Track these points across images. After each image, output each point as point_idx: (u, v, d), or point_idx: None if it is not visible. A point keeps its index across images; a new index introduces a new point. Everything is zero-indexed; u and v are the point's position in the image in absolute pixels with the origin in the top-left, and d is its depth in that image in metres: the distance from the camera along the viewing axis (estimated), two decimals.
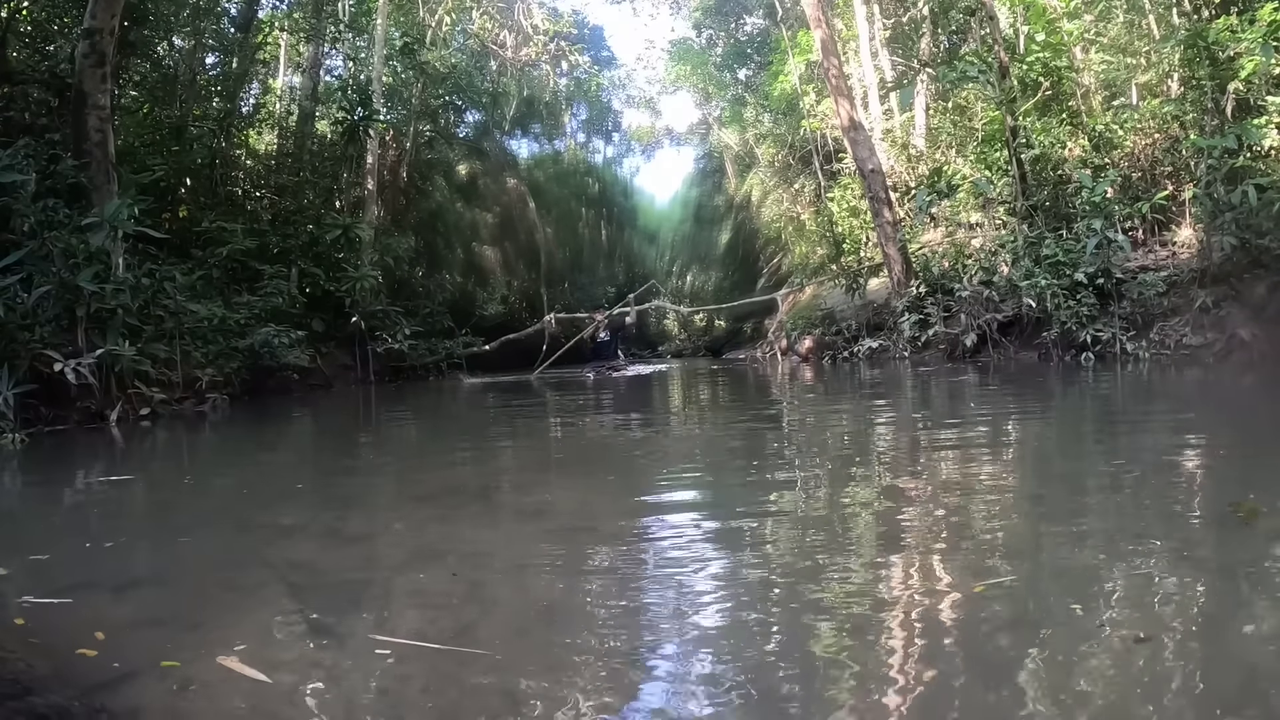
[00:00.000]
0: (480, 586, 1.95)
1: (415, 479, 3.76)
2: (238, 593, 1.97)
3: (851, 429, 4.69)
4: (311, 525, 2.73)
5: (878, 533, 2.26)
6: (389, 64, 15.23)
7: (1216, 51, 7.96)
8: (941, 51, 14.40)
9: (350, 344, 11.91)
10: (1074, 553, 1.93)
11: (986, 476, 2.92)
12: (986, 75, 9.62)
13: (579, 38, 24.31)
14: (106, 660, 1.49)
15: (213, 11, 12.26)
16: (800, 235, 17.70)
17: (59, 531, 2.82)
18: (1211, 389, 5.66)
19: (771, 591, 1.77)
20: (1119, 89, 11.03)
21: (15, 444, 4.90)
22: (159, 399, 6.63)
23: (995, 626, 1.48)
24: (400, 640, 1.62)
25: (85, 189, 7.07)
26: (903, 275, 10.45)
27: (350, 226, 11.96)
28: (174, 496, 3.63)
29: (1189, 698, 1.18)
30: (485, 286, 19.75)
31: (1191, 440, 3.54)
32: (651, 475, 3.55)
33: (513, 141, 22.17)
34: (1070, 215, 8.85)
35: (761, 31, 21.42)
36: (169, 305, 7.24)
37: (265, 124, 14.47)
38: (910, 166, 13.71)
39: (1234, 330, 6.98)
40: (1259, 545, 1.88)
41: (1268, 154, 7.72)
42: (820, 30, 11.34)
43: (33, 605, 1.87)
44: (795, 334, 12.84)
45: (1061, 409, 5.14)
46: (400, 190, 16.05)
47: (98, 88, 7.22)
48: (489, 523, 2.71)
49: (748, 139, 21.40)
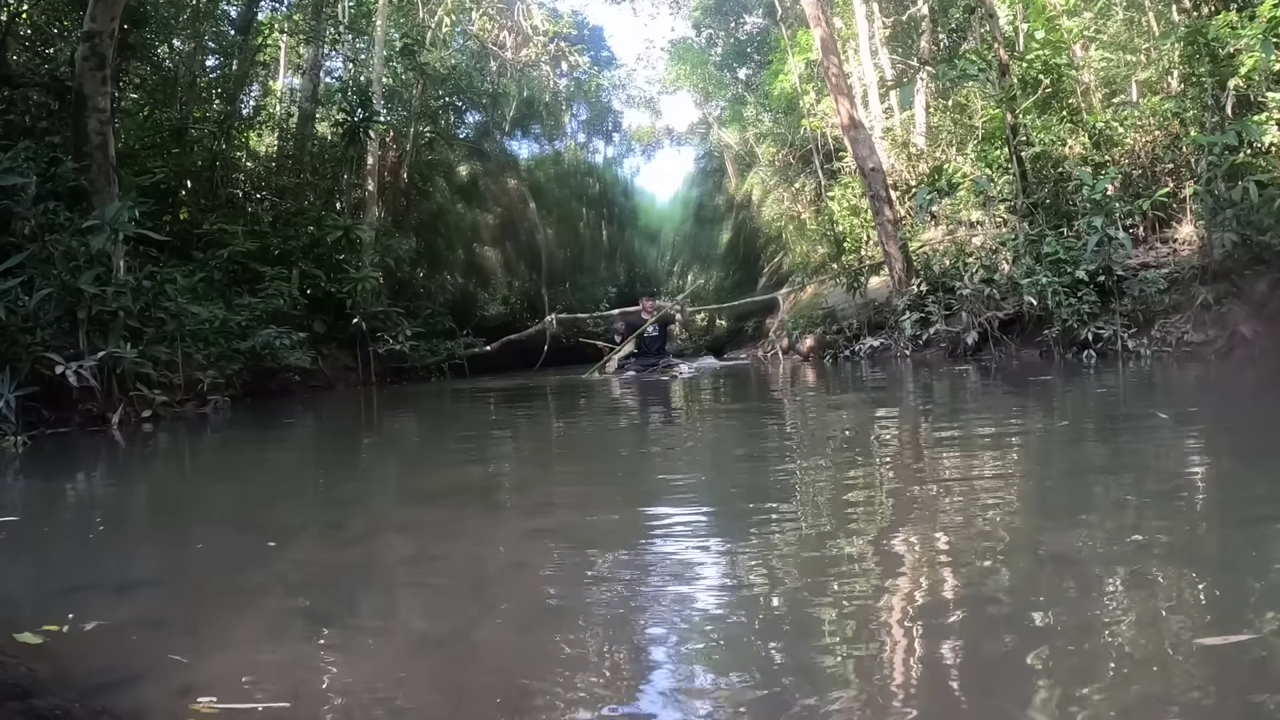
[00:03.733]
0: (482, 585, 1.95)
1: (417, 479, 3.76)
2: (240, 593, 1.97)
3: (856, 427, 4.69)
4: (313, 526, 2.73)
5: (895, 534, 2.25)
6: (389, 65, 15.23)
7: (1216, 48, 7.95)
8: (941, 50, 14.38)
9: (351, 345, 11.92)
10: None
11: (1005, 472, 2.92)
12: (986, 73, 9.61)
13: (579, 38, 24.31)
14: (108, 661, 1.49)
15: (212, 14, 12.26)
16: (801, 234, 17.67)
17: (60, 533, 2.83)
18: (1214, 386, 5.66)
19: (781, 589, 1.77)
20: (1119, 86, 11.01)
21: (17, 446, 4.91)
22: (160, 401, 6.63)
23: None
24: (400, 640, 1.63)
25: (86, 192, 7.08)
26: (903, 274, 10.44)
27: (351, 228, 11.96)
28: (175, 498, 3.63)
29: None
30: (486, 287, 19.75)
31: (1195, 437, 3.54)
32: (656, 474, 3.54)
33: (513, 142, 22.17)
34: (1071, 213, 8.83)
35: (761, 31, 21.40)
36: (170, 307, 7.25)
37: (265, 126, 14.47)
38: (910, 165, 13.69)
39: (1235, 327, 6.96)
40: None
41: (1268, 150, 7.70)
42: (820, 29, 11.33)
43: (33, 606, 1.87)
44: (796, 333, 12.82)
45: (1065, 407, 5.13)
46: (401, 191, 16.05)
47: (98, 90, 7.23)
48: (491, 522, 2.71)
49: (748, 138, 21.37)
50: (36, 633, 1.58)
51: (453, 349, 13.45)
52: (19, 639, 1.54)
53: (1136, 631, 1.39)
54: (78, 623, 1.70)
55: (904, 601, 1.64)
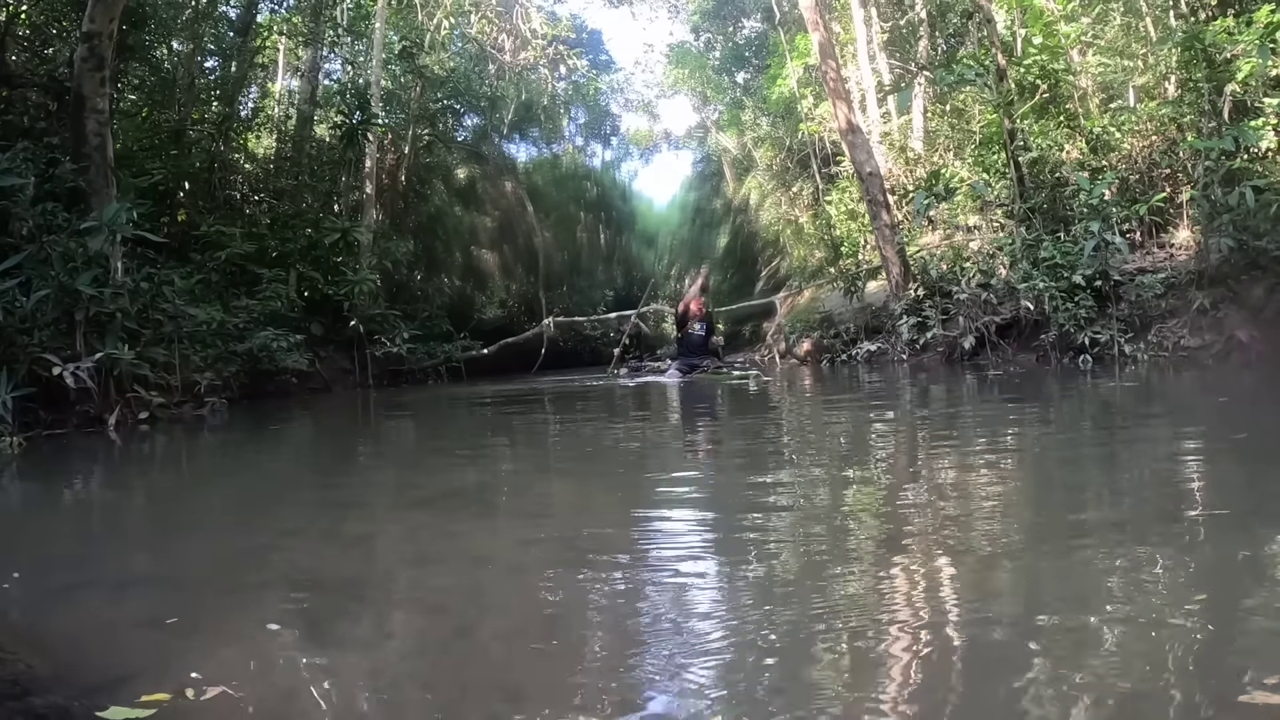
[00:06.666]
0: (480, 588, 1.95)
1: (415, 482, 3.76)
2: (237, 594, 1.97)
3: (852, 430, 4.69)
4: (311, 528, 2.73)
5: (889, 539, 2.25)
6: (387, 68, 15.24)
7: (1213, 53, 7.99)
8: (939, 54, 14.44)
9: (349, 347, 11.92)
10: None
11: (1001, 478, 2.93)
12: (984, 78, 9.64)
13: (577, 42, 24.34)
14: (107, 661, 1.49)
15: (211, 16, 12.27)
16: (798, 238, 17.71)
17: (58, 533, 2.82)
18: (1210, 390, 5.67)
19: (778, 592, 1.77)
20: (1116, 91, 11.05)
21: (14, 447, 4.90)
22: (158, 403, 6.61)
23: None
24: (399, 640, 1.63)
25: (84, 193, 7.06)
26: (901, 278, 10.45)
27: (349, 230, 11.96)
28: (173, 499, 3.63)
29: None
30: (484, 290, 19.76)
31: (1192, 440, 3.55)
32: (654, 475, 3.54)
33: (511, 145, 22.22)
34: (1068, 217, 8.85)
35: (759, 35, 21.45)
36: (168, 309, 7.23)
37: (264, 128, 14.48)
38: (908, 169, 13.72)
39: (1232, 332, 6.99)
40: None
41: (1265, 155, 7.74)
42: (818, 33, 11.36)
43: (33, 606, 1.87)
44: (794, 337, 12.84)
45: (1065, 411, 5.14)
46: (399, 194, 16.05)
47: (96, 91, 7.22)
48: (488, 526, 2.70)
49: (746, 142, 21.42)
50: (138, 705, 1.28)
51: (450, 351, 13.45)
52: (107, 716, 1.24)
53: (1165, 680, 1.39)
54: (75, 621, 1.69)
55: (907, 620, 1.64)
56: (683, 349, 10.60)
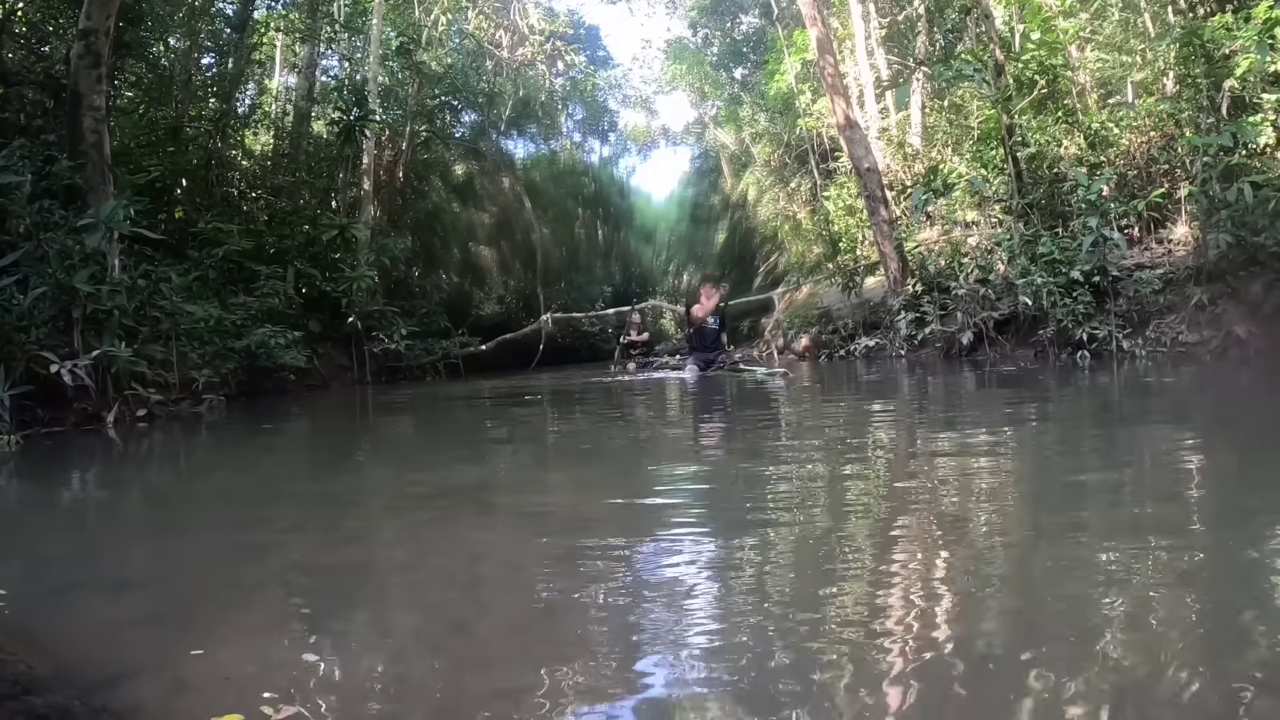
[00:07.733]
0: (478, 585, 1.95)
1: (413, 479, 3.76)
2: (237, 591, 1.97)
3: (852, 426, 4.69)
4: (309, 525, 2.73)
5: (887, 535, 2.26)
6: (385, 64, 15.22)
7: (1212, 49, 7.99)
8: (937, 50, 14.42)
9: (347, 344, 11.91)
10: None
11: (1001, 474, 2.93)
12: (982, 73, 9.63)
13: (575, 37, 24.32)
14: (106, 659, 1.49)
15: (208, 12, 12.23)
16: (796, 234, 17.72)
17: (57, 531, 2.82)
18: (1208, 386, 5.68)
19: (777, 588, 1.77)
20: (1115, 87, 11.05)
21: (11, 445, 4.89)
22: (155, 400, 6.61)
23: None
24: (398, 639, 1.63)
25: (81, 190, 7.05)
26: (899, 273, 10.46)
27: (347, 227, 11.95)
28: (171, 497, 3.62)
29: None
30: (482, 286, 19.76)
31: (1191, 437, 3.55)
32: (653, 473, 3.54)
33: (509, 142, 22.18)
34: (1066, 213, 8.86)
35: (757, 30, 21.43)
36: (165, 306, 7.23)
37: (261, 125, 14.46)
38: (906, 165, 13.72)
39: (1230, 327, 7.00)
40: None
41: (1263, 151, 7.74)
42: (816, 29, 11.35)
43: (32, 605, 1.87)
44: (792, 333, 12.86)
45: (1062, 406, 5.15)
46: (397, 190, 16.04)
47: (93, 89, 7.20)
48: (486, 523, 2.70)
49: (744, 138, 21.41)
50: None
51: (448, 348, 13.45)
52: None
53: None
54: (75, 620, 1.69)
55: (903, 615, 1.64)
56: (696, 343, 10.25)
